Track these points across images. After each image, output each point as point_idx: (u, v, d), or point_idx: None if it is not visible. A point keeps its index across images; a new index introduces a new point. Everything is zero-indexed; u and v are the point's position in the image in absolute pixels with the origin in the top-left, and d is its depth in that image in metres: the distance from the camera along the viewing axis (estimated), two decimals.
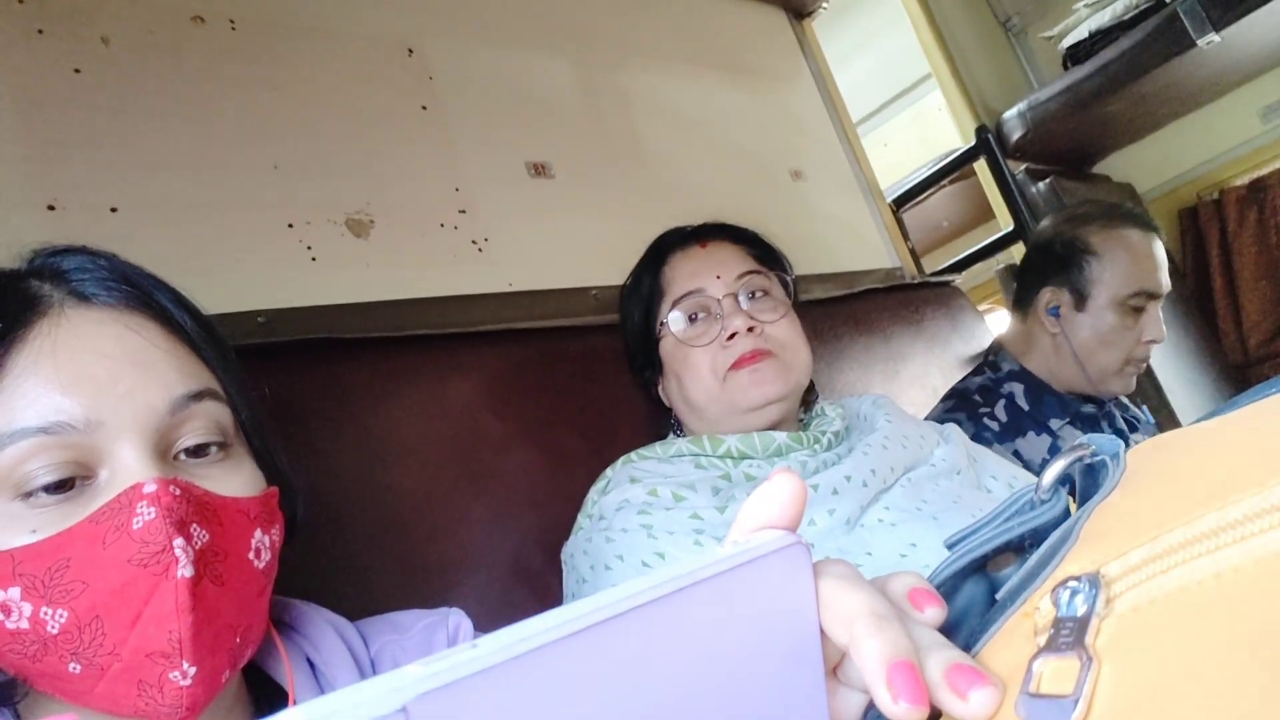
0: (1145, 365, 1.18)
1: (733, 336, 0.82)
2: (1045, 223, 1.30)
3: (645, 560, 0.70)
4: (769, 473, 0.72)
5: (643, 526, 0.72)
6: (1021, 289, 1.27)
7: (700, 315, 0.86)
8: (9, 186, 0.71)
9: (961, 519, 0.71)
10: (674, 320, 0.86)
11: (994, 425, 1.13)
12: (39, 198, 0.72)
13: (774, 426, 0.83)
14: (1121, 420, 1.25)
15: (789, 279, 0.91)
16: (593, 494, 0.82)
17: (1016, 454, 1.11)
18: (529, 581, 0.81)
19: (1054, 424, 1.15)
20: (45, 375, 0.40)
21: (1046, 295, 1.20)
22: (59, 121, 0.75)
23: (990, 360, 1.26)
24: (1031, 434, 1.13)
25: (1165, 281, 1.17)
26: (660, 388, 0.92)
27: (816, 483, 0.74)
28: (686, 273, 0.87)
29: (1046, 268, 1.22)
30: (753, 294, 0.86)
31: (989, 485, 0.85)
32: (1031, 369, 1.21)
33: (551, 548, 0.83)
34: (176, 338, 0.46)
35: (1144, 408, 1.33)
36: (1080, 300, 1.17)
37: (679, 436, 0.89)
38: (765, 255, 0.91)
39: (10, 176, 0.71)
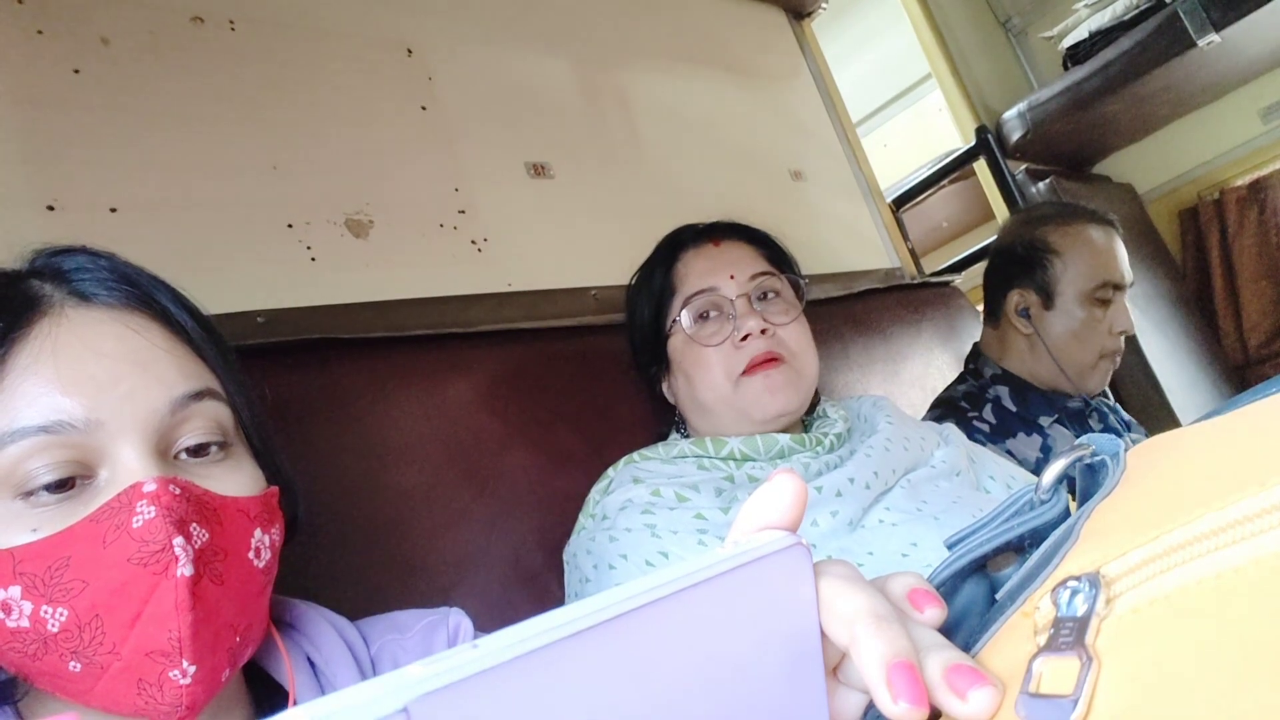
0: (1119, 359, 1.19)
1: (746, 338, 0.82)
2: (1004, 227, 1.31)
3: (649, 560, 0.70)
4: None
5: (646, 526, 0.72)
6: (990, 295, 1.28)
7: (712, 314, 0.85)
8: (9, 186, 0.71)
9: (961, 519, 0.71)
10: (685, 318, 0.86)
11: (984, 428, 1.13)
12: (39, 198, 0.72)
13: (779, 430, 0.83)
14: (1114, 420, 1.25)
15: (800, 281, 0.90)
16: (595, 494, 0.82)
17: (1009, 455, 1.11)
18: (529, 581, 0.81)
19: (1043, 421, 1.15)
20: (46, 375, 0.40)
21: (1015, 298, 1.21)
22: (59, 121, 0.75)
23: (972, 368, 1.26)
24: (1021, 434, 1.13)
25: (1127, 273, 1.18)
26: (665, 385, 0.92)
27: (820, 485, 0.74)
28: (699, 270, 0.87)
29: (1011, 271, 1.23)
30: (764, 295, 0.86)
31: (987, 485, 0.85)
32: (1013, 371, 1.22)
33: (551, 548, 0.83)
34: (177, 337, 0.46)
35: (1117, 406, 1.33)
36: (1048, 299, 1.18)
37: (681, 435, 0.89)
38: (777, 257, 0.91)
39: (10, 176, 0.71)
